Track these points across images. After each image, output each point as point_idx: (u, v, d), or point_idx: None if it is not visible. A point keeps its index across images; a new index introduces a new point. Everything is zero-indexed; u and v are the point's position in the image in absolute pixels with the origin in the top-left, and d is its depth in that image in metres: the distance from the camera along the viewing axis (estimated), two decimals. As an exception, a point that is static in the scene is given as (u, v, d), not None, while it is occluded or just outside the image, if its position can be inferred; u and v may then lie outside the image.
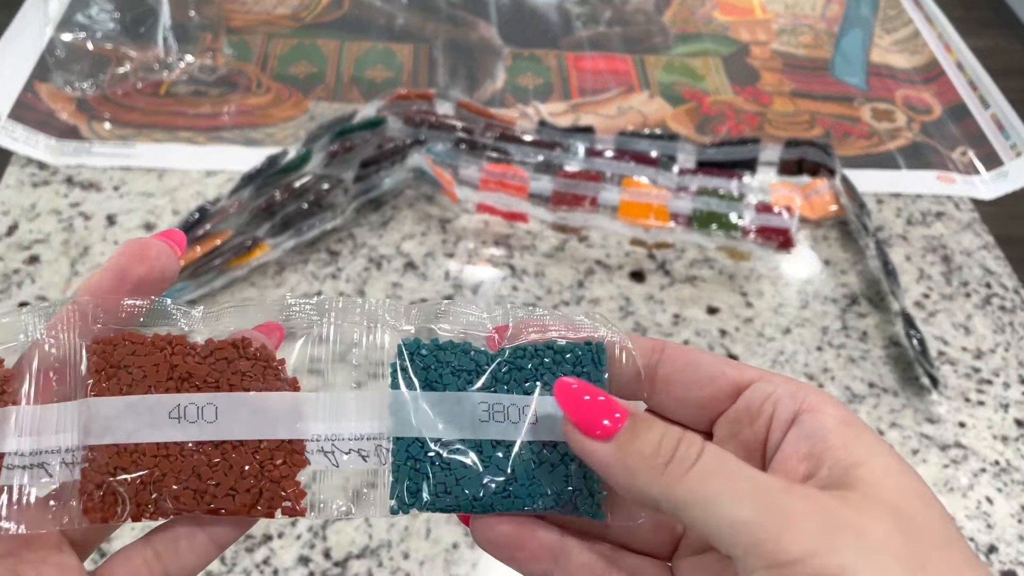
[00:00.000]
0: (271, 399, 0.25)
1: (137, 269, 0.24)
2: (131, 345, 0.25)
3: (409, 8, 0.81)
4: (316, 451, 0.25)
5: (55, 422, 0.24)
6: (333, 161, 0.59)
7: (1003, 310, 0.59)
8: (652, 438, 0.22)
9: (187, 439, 0.24)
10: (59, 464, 0.23)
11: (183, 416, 0.24)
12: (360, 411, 0.25)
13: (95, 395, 0.24)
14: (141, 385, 0.24)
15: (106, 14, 0.74)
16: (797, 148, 0.64)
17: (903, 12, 0.85)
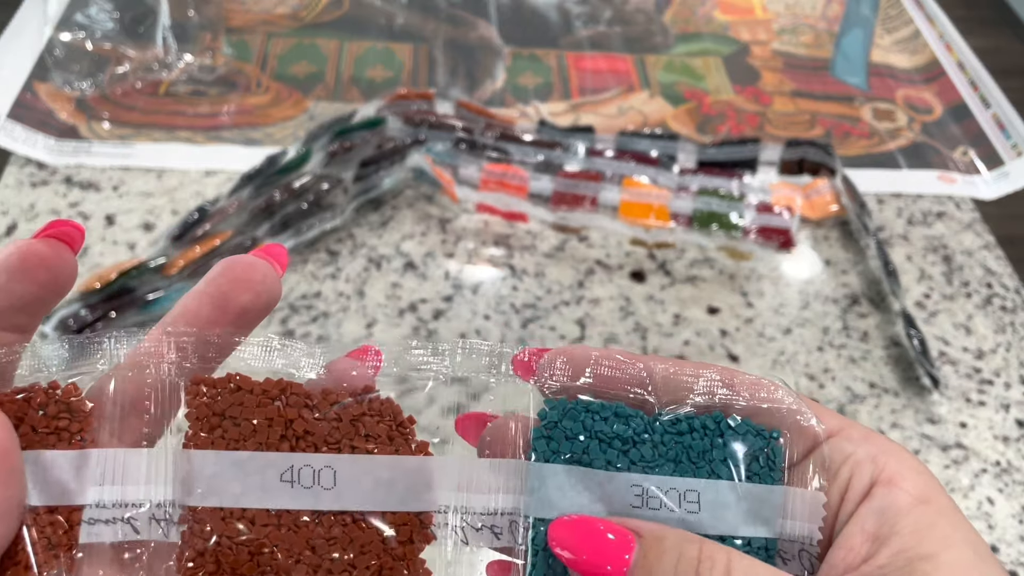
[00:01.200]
0: (399, 464, 0.22)
1: (241, 297, 0.21)
2: (239, 391, 0.22)
3: (409, 8, 0.81)
4: (443, 525, 0.22)
5: (144, 471, 0.21)
6: (333, 161, 0.59)
7: (1004, 310, 0.59)
8: (667, 567, 0.20)
9: (301, 507, 0.21)
10: (148, 520, 0.21)
11: (297, 480, 0.21)
12: (494, 482, 0.22)
13: (194, 447, 0.21)
14: (250, 441, 0.21)
15: (105, 14, 0.74)
16: (798, 148, 0.64)
17: (904, 12, 0.85)
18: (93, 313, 0.51)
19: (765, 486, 0.22)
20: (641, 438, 0.22)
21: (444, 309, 0.55)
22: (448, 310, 0.55)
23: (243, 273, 0.21)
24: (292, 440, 0.21)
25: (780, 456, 0.23)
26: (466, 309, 0.55)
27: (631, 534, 0.21)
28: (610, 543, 0.20)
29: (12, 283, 0.20)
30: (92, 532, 0.20)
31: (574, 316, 0.56)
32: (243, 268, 0.21)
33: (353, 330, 0.54)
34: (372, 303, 0.55)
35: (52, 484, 0.20)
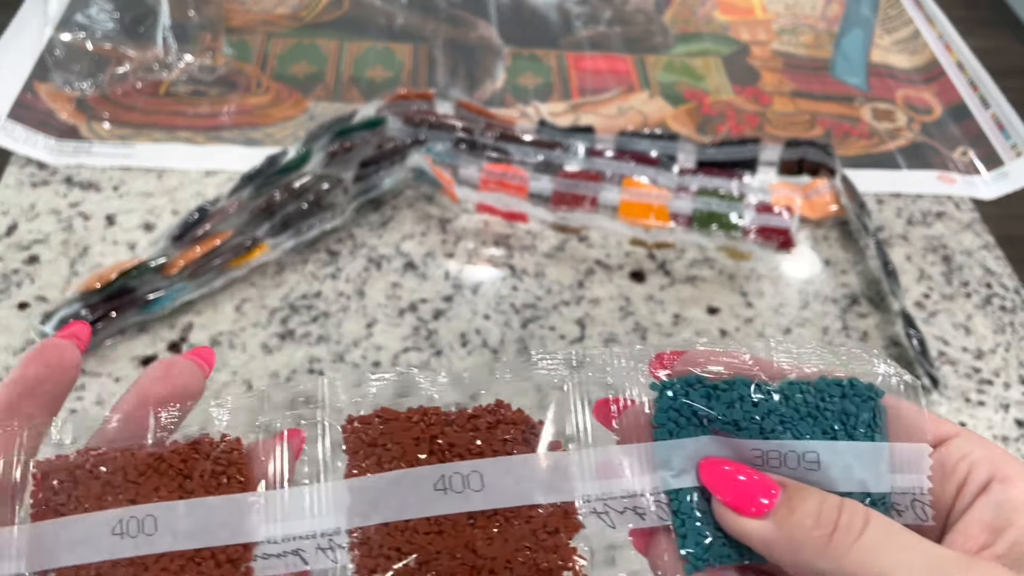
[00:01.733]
0: (536, 461, 0.23)
1: None
2: (386, 422, 0.24)
3: (409, 8, 0.81)
4: (588, 512, 0.23)
5: (307, 506, 0.23)
6: (333, 161, 0.59)
7: (1003, 310, 0.59)
8: (810, 509, 0.22)
9: (457, 511, 0.23)
10: (315, 550, 0.22)
11: (449, 487, 0.23)
12: (630, 465, 0.24)
13: (356, 475, 0.23)
14: (402, 460, 0.23)
15: (105, 14, 0.74)
16: (797, 148, 0.64)
17: (903, 12, 0.85)
18: (93, 313, 0.51)
19: (875, 443, 0.24)
20: (757, 406, 0.23)
21: (444, 309, 0.55)
22: (448, 310, 0.55)
23: None
24: (439, 453, 0.23)
25: (883, 413, 0.24)
26: (466, 309, 0.55)
27: (779, 484, 0.22)
28: (762, 483, 0.22)
29: (27, 368, 0.23)
30: (265, 566, 0.22)
31: (574, 316, 0.56)
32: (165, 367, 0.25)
33: (353, 330, 0.54)
34: (372, 303, 0.55)
35: (221, 526, 0.23)
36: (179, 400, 0.24)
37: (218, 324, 0.53)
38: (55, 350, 0.24)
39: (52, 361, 0.24)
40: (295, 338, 0.53)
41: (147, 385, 0.24)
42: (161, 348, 0.52)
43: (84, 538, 0.23)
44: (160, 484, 0.23)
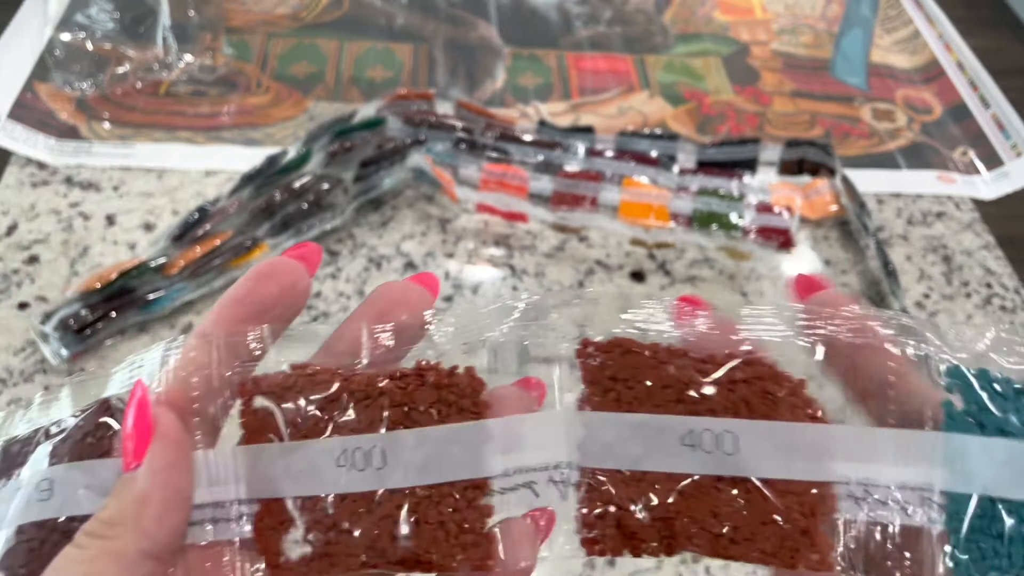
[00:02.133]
0: (799, 431, 0.21)
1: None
2: (626, 354, 0.21)
3: (409, 8, 0.81)
4: (846, 496, 0.21)
5: (541, 434, 0.21)
6: (333, 161, 0.59)
7: (1004, 310, 0.59)
8: None
9: (703, 472, 0.21)
10: (546, 483, 0.21)
11: (699, 444, 0.21)
12: (899, 453, 0.21)
13: (590, 408, 0.21)
14: (647, 404, 0.21)
15: (105, 14, 0.74)
16: (797, 148, 0.64)
17: (903, 12, 0.85)
18: (93, 313, 0.51)
19: None
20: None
21: (444, 309, 0.55)
22: (448, 310, 0.55)
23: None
24: (689, 403, 0.21)
25: None
26: (466, 309, 0.55)
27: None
28: None
29: (257, 286, 0.21)
30: (502, 502, 0.21)
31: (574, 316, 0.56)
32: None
33: (353, 330, 0.54)
34: (372, 303, 0.55)
35: (455, 460, 0.21)
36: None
37: (218, 324, 0.53)
38: (290, 272, 0.22)
39: (286, 282, 0.22)
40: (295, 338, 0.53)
41: (379, 307, 0.22)
42: (161, 348, 0.52)
43: (307, 468, 0.21)
44: (380, 414, 0.21)
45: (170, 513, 0.19)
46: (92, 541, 0.19)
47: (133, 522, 0.19)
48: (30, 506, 0.20)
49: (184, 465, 0.20)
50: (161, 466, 0.19)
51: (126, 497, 0.19)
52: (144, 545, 0.19)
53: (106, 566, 0.18)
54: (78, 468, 0.20)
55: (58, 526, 0.20)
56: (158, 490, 0.19)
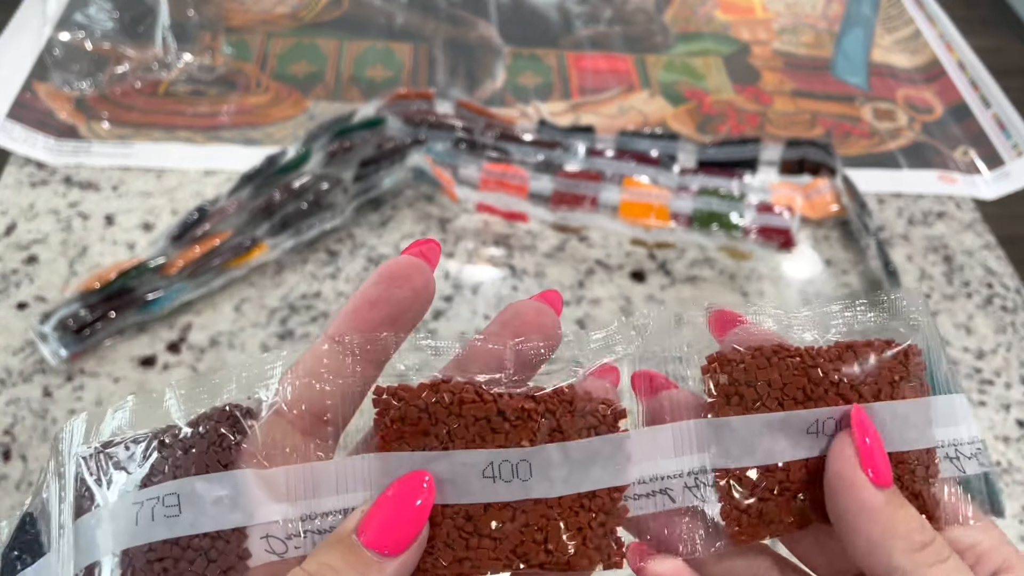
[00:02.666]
0: (923, 407, 0.23)
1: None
2: (753, 357, 0.23)
3: (409, 7, 0.80)
4: (943, 457, 0.23)
5: (673, 445, 0.23)
6: (332, 161, 0.59)
7: (1004, 310, 0.59)
8: (916, 516, 0.22)
9: (822, 453, 0.23)
10: (682, 488, 0.23)
11: (821, 431, 0.23)
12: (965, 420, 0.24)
13: (721, 415, 0.23)
14: (769, 402, 0.23)
15: (104, 13, 0.74)
16: (798, 148, 0.64)
17: (904, 11, 0.85)
18: (93, 313, 0.51)
19: None
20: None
21: (444, 309, 0.55)
22: (448, 310, 0.55)
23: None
24: (811, 393, 0.23)
25: None
26: (466, 309, 0.55)
27: None
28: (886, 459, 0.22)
29: (391, 289, 0.21)
30: (637, 506, 0.22)
31: (574, 316, 0.56)
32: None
33: (353, 330, 0.54)
34: (372, 303, 0.55)
35: (595, 471, 0.22)
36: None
37: (217, 324, 0.53)
38: (422, 274, 0.22)
39: (419, 285, 0.22)
40: (295, 338, 0.53)
41: (514, 327, 0.23)
42: (160, 348, 0.52)
43: (450, 477, 0.21)
44: (531, 432, 0.22)
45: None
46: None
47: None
48: (157, 523, 0.19)
49: None
50: (414, 558, 0.20)
51: None
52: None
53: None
54: (208, 480, 0.19)
55: (191, 543, 0.19)
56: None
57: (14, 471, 0.46)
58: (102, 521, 0.19)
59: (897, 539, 0.21)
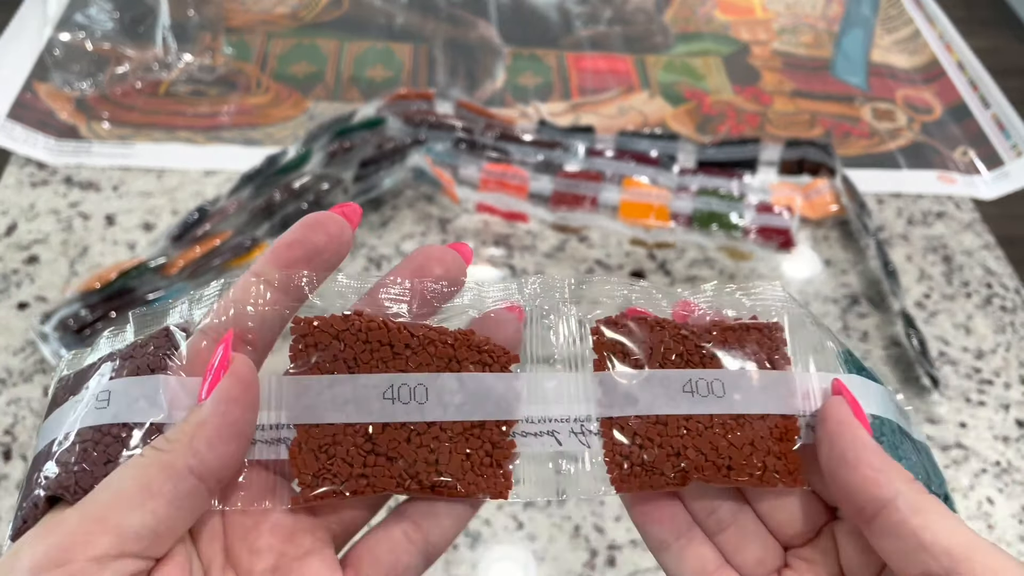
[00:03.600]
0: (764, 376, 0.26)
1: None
2: (638, 324, 0.26)
3: (409, 8, 0.81)
4: (804, 426, 0.25)
5: (563, 392, 0.25)
6: (332, 161, 0.59)
7: (1004, 310, 0.59)
8: None
9: (703, 411, 0.25)
10: (568, 433, 0.25)
11: (695, 390, 0.25)
12: None
13: (603, 369, 0.25)
14: (652, 361, 0.25)
15: (105, 14, 0.74)
16: (798, 148, 0.64)
17: (904, 12, 0.85)
18: (93, 313, 0.51)
19: None
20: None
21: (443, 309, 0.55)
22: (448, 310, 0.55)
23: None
24: (688, 358, 0.25)
25: None
26: (466, 309, 0.55)
27: None
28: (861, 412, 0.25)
29: (307, 233, 0.24)
30: (524, 443, 0.24)
31: (574, 316, 0.56)
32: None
33: (353, 330, 0.54)
34: (372, 303, 0.55)
35: (488, 402, 0.24)
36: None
37: (218, 324, 0.53)
38: (336, 223, 0.24)
39: (334, 232, 0.24)
40: (295, 338, 0.53)
41: (419, 261, 0.25)
42: (161, 348, 0.52)
43: (353, 398, 0.24)
44: (430, 360, 0.24)
45: (223, 440, 0.22)
46: (150, 452, 0.21)
47: (187, 441, 0.21)
48: (88, 413, 0.22)
49: (247, 402, 0.22)
50: (224, 398, 0.22)
51: (189, 420, 0.22)
52: (191, 462, 0.21)
53: (156, 473, 0.21)
54: (135, 382, 0.23)
55: (112, 430, 0.22)
56: (215, 417, 0.22)
57: (14, 471, 0.46)
58: (65, 412, 0.23)
59: (895, 469, 0.23)
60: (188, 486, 0.21)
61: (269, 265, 0.24)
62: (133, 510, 0.20)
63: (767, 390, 0.25)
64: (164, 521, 0.21)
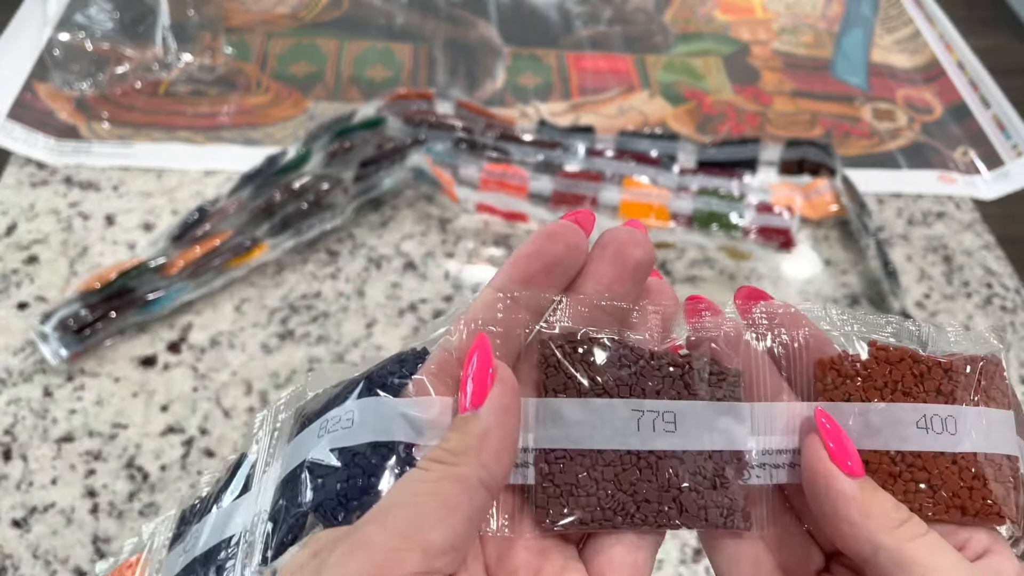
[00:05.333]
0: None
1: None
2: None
3: (409, 8, 0.81)
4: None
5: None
6: (332, 161, 0.59)
7: (1004, 310, 0.59)
8: (890, 498, 0.23)
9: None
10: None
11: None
12: None
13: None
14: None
15: (105, 14, 0.74)
16: (798, 148, 0.64)
17: (904, 11, 0.85)
18: (93, 313, 0.51)
19: None
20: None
21: (444, 309, 0.55)
22: (448, 310, 0.55)
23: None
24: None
25: None
26: (466, 309, 0.55)
27: None
28: (852, 448, 0.24)
29: (546, 244, 0.24)
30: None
31: (574, 316, 0.56)
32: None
33: (353, 330, 0.54)
34: (372, 303, 0.55)
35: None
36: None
37: (218, 324, 0.53)
38: (573, 232, 0.24)
39: (572, 242, 0.24)
40: (295, 338, 0.53)
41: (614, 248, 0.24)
42: (161, 348, 0.52)
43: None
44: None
45: (505, 450, 0.22)
46: (437, 466, 0.21)
47: (475, 453, 0.21)
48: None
49: (517, 410, 0.22)
50: (499, 408, 0.22)
51: (469, 432, 0.21)
52: (483, 475, 0.21)
53: (450, 487, 0.20)
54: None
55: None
56: (497, 428, 0.21)
57: (14, 471, 0.46)
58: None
59: (875, 519, 0.22)
60: (481, 499, 0.21)
61: (509, 279, 0.23)
62: (435, 526, 0.20)
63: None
64: (462, 537, 0.20)
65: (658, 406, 0.23)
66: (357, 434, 0.22)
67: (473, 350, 0.22)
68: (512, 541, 0.23)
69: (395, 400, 0.23)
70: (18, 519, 0.45)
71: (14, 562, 0.43)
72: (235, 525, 0.24)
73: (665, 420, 0.23)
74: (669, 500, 0.23)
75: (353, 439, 0.22)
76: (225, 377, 0.51)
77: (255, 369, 0.51)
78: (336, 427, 0.23)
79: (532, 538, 0.23)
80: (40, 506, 0.45)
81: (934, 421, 0.24)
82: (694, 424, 0.24)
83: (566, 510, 0.23)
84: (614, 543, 0.23)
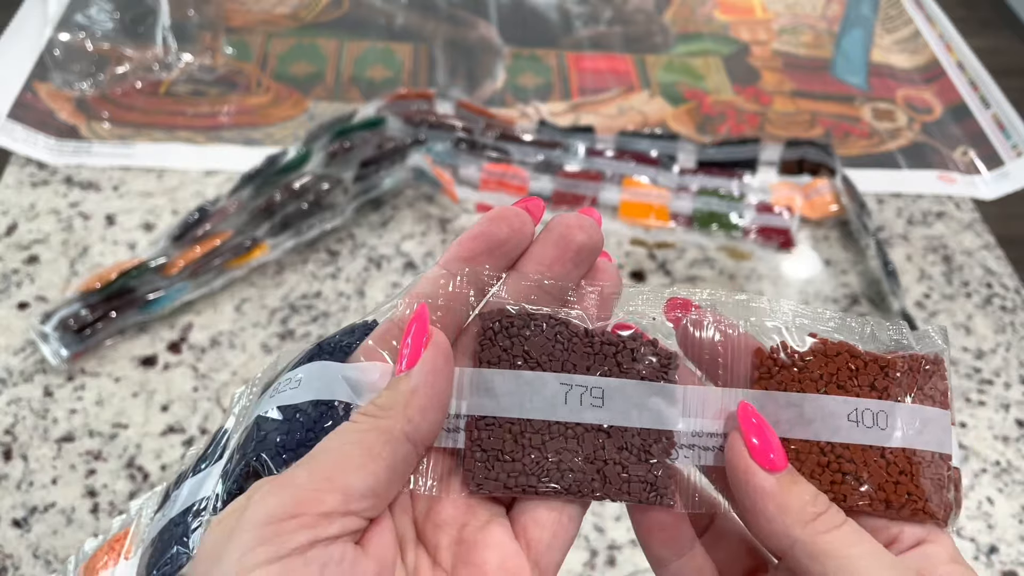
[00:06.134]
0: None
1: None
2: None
3: (409, 8, 0.81)
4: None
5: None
6: (333, 161, 0.59)
7: (1004, 310, 0.59)
8: (809, 490, 0.24)
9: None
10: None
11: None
12: None
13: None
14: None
15: (105, 14, 0.74)
16: (798, 148, 0.64)
17: (904, 12, 0.85)
18: (93, 313, 0.51)
19: None
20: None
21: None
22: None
23: None
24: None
25: None
26: (466, 309, 0.55)
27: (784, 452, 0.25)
28: (775, 443, 0.24)
29: (491, 226, 0.25)
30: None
31: (574, 316, 0.56)
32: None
33: (353, 330, 0.54)
34: (372, 303, 0.55)
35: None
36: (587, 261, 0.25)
37: (218, 324, 0.53)
38: (518, 216, 0.25)
39: (516, 225, 0.25)
40: (295, 338, 0.53)
41: (559, 231, 0.25)
42: (161, 348, 0.52)
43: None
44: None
45: (432, 408, 0.23)
46: (366, 419, 0.22)
47: (401, 408, 0.22)
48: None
49: (448, 374, 0.23)
50: (430, 369, 0.23)
51: (399, 389, 0.23)
52: (407, 428, 0.22)
53: (375, 437, 0.22)
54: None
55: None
56: (425, 387, 0.23)
57: (14, 471, 0.46)
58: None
59: (791, 513, 0.23)
60: (404, 451, 0.22)
61: (455, 257, 0.25)
62: (357, 471, 0.21)
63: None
64: (383, 484, 0.22)
65: (587, 381, 0.24)
66: (302, 394, 0.24)
67: (413, 320, 0.24)
68: (439, 498, 0.24)
69: (339, 364, 0.24)
70: (18, 519, 0.45)
71: (14, 562, 0.44)
72: (207, 488, 0.25)
73: (593, 395, 0.24)
74: (593, 471, 0.24)
75: (298, 398, 0.24)
76: (225, 377, 0.51)
77: (255, 369, 0.51)
78: (285, 388, 0.24)
79: (459, 498, 0.24)
80: (40, 506, 0.45)
81: (865, 415, 0.25)
82: (622, 401, 0.24)
83: (492, 473, 0.24)
84: (539, 503, 0.24)
